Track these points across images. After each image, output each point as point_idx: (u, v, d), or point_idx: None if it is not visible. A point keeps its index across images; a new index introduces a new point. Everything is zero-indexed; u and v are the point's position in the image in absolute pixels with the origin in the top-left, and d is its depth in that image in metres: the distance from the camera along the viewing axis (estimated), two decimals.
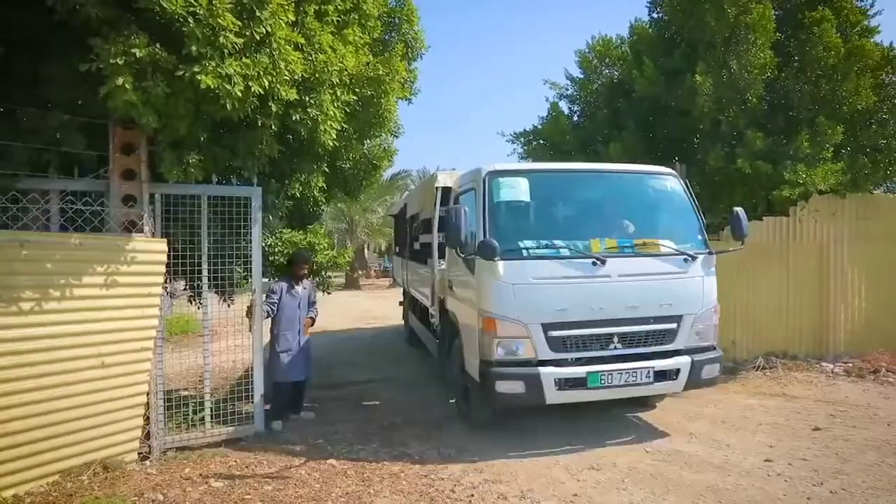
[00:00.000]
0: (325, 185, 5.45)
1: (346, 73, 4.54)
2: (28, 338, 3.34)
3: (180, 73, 3.36)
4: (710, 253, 4.49)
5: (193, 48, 3.34)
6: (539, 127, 10.22)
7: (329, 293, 6.08)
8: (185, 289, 4.84)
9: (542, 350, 4.04)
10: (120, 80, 3.19)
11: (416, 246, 7.27)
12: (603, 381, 4.05)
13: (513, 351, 4.01)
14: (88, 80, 3.39)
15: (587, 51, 9.88)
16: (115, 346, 3.71)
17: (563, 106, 10.35)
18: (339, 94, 4.48)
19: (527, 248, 4.18)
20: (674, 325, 4.27)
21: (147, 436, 3.95)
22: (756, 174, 6.84)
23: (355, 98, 4.76)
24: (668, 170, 4.95)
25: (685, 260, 4.36)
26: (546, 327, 4.03)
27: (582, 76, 10.12)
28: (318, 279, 5.71)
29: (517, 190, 4.30)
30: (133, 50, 3.23)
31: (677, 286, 4.32)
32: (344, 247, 20.63)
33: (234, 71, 3.48)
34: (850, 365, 6.81)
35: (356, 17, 5.03)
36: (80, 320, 3.57)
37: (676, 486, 3.62)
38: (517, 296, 4.00)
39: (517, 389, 3.97)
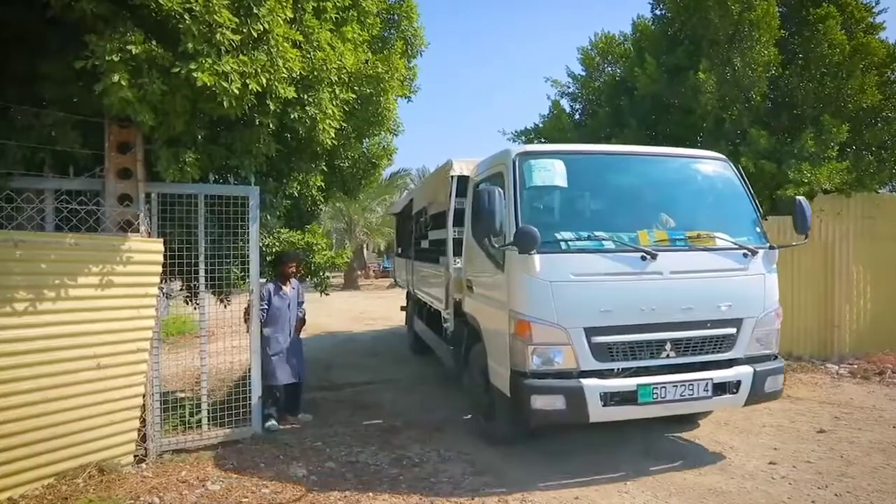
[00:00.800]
0: (323, 184, 5.40)
1: (344, 70, 4.50)
2: (22, 339, 3.29)
3: (177, 70, 3.32)
4: (771, 248, 3.98)
5: (190, 45, 3.30)
6: (540, 125, 10.15)
7: (327, 294, 6.01)
8: (181, 289, 4.80)
9: (585, 359, 3.52)
10: (115, 77, 3.15)
11: (424, 244, 6.68)
12: (655, 396, 3.52)
13: (550, 360, 3.50)
14: (83, 78, 3.35)
15: (589, 48, 9.81)
16: (111, 347, 3.67)
17: (565, 104, 10.30)
18: (337, 92, 4.44)
19: (565, 240, 3.64)
20: (733, 330, 3.76)
21: (143, 438, 3.91)
22: (760, 173, 6.78)
23: (354, 96, 4.72)
24: (719, 154, 4.47)
25: (744, 255, 3.84)
26: (589, 332, 3.52)
27: (584, 74, 10.05)
28: (316, 280, 5.65)
29: (552, 173, 3.75)
30: (129, 47, 3.19)
31: (737, 285, 3.81)
32: (342, 247, 20.62)
33: (232, 68, 3.44)
34: (856, 366, 6.76)
35: (355, 14, 4.99)
36: (76, 321, 3.52)
37: (679, 488, 3.57)
38: (556, 295, 3.50)
39: (556, 405, 3.45)
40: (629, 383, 3.53)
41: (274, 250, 5.09)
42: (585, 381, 3.48)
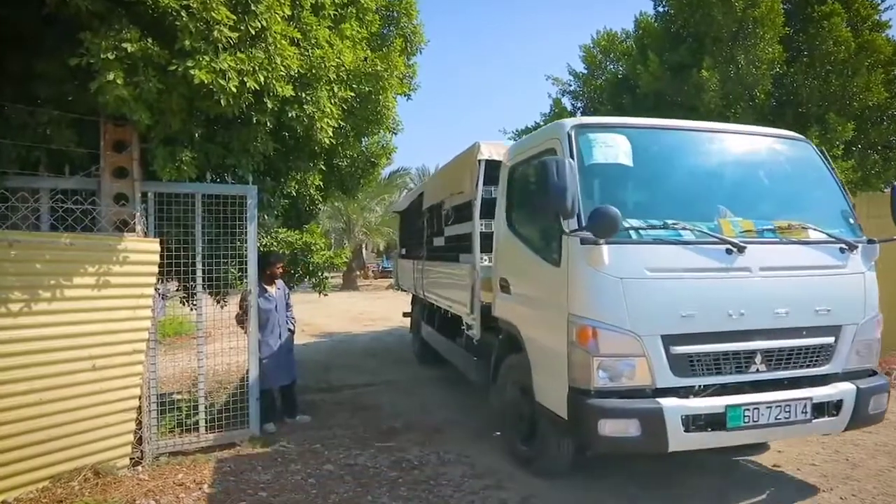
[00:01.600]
0: (321, 184, 5.35)
1: (343, 68, 4.45)
2: (17, 340, 3.25)
3: (173, 68, 3.28)
4: (870, 242, 3.48)
5: (187, 43, 3.26)
6: (541, 124, 10.11)
7: (326, 294, 5.97)
8: (177, 289, 4.76)
9: (661, 374, 2.93)
10: (111, 76, 3.11)
11: (439, 242, 5.99)
12: (746, 420, 2.94)
13: (620, 375, 2.92)
14: (79, 76, 3.32)
15: (591, 46, 9.75)
16: (107, 348, 3.63)
17: (566, 102, 10.26)
18: (336, 90, 4.40)
19: (636, 229, 3.06)
20: (831, 339, 3.22)
21: (139, 440, 3.87)
22: None
23: (353, 94, 4.67)
24: (797, 134, 3.93)
25: (841, 250, 3.31)
26: (667, 341, 2.93)
27: (585, 71, 10.00)
28: (314, 280, 5.61)
29: (616, 150, 3.20)
30: (124, 44, 3.14)
31: (835, 286, 3.26)
32: (341, 247, 20.62)
33: (229, 66, 3.40)
34: None
35: (353, 11, 4.94)
36: (71, 322, 3.48)
37: (679, 490, 3.52)
38: (628, 295, 2.91)
39: (629, 431, 2.85)
40: (716, 404, 2.92)
41: (272, 250, 5.05)
42: (665, 402, 2.87)
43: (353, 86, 4.68)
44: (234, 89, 3.42)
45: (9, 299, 3.24)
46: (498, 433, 4.43)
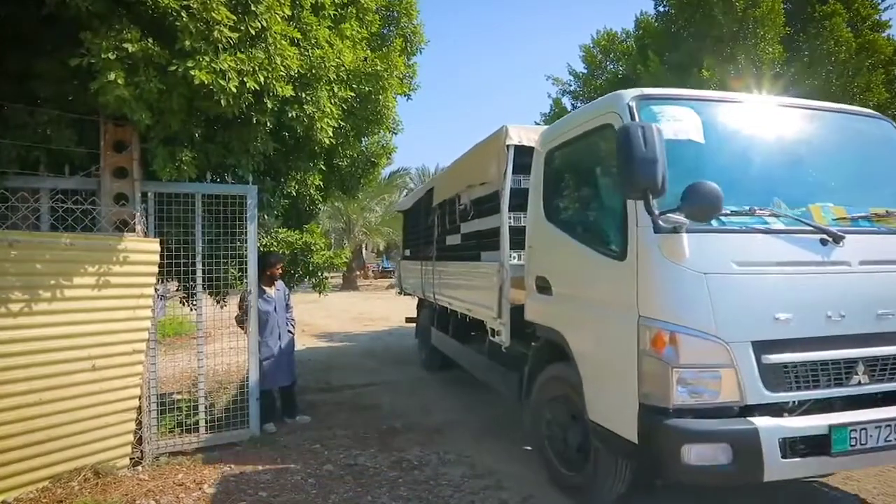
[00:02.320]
0: (321, 184, 5.35)
1: (343, 68, 4.45)
2: (17, 340, 3.26)
3: (173, 68, 3.28)
4: None
5: (187, 43, 3.26)
6: (541, 123, 10.11)
7: (326, 294, 5.97)
8: (177, 289, 4.76)
9: (752, 387, 2.46)
10: (111, 76, 3.12)
11: (453, 240, 5.52)
12: (853, 443, 2.47)
13: (703, 389, 2.45)
14: (79, 76, 3.32)
15: (591, 45, 9.75)
16: (107, 348, 3.63)
17: (566, 102, 10.26)
18: (336, 90, 4.40)
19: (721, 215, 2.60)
20: None
21: (139, 440, 3.87)
22: None
23: (353, 94, 4.67)
24: (876, 112, 3.55)
25: None
26: (759, 348, 2.48)
27: (585, 71, 10.01)
28: (314, 280, 5.60)
29: (685, 125, 2.77)
30: (125, 44, 3.15)
31: None
32: (341, 247, 20.62)
33: (229, 66, 3.40)
34: None
35: (354, 11, 4.94)
36: (71, 322, 3.48)
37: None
38: (714, 293, 2.47)
39: (718, 459, 2.37)
40: (819, 423, 2.45)
41: (272, 250, 5.04)
42: (760, 422, 2.40)
43: (353, 86, 4.68)
44: (234, 89, 3.42)
45: (9, 299, 3.24)
46: (528, 448, 4.07)
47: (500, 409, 5.25)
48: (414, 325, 8.20)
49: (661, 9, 8.46)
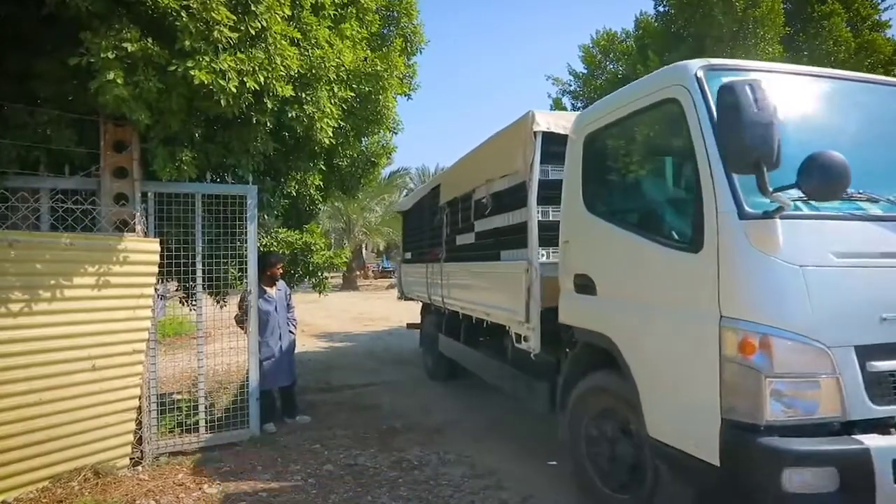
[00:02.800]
0: (321, 184, 5.35)
1: (343, 68, 4.45)
2: (17, 340, 3.25)
3: (173, 68, 3.27)
4: None
5: (187, 43, 3.26)
6: None
7: (326, 294, 5.97)
8: (177, 289, 4.76)
9: (855, 400, 2.13)
10: (111, 75, 3.11)
11: (467, 239, 5.13)
12: None
13: (800, 402, 2.13)
14: (78, 76, 3.31)
15: (591, 45, 9.76)
16: (107, 348, 3.62)
17: (566, 102, 10.26)
18: (336, 90, 4.40)
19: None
20: None
21: (139, 440, 3.87)
22: None
23: (353, 94, 4.67)
24: None
25: None
26: (863, 353, 2.15)
27: (585, 71, 10.01)
28: (314, 280, 5.60)
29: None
30: (124, 44, 3.14)
31: None
32: (341, 247, 20.62)
33: (229, 66, 3.39)
34: None
35: (354, 11, 4.94)
36: (71, 322, 3.48)
37: None
38: (812, 290, 2.13)
39: (823, 486, 2.03)
40: None
41: (272, 250, 5.04)
42: (870, 441, 2.05)
43: (353, 86, 4.68)
44: (234, 89, 3.42)
45: (9, 299, 3.24)
46: (554, 462, 3.83)
47: (501, 409, 5.25)
48: (417, 331, 7.71)
49: (660, 9, 8.47)
